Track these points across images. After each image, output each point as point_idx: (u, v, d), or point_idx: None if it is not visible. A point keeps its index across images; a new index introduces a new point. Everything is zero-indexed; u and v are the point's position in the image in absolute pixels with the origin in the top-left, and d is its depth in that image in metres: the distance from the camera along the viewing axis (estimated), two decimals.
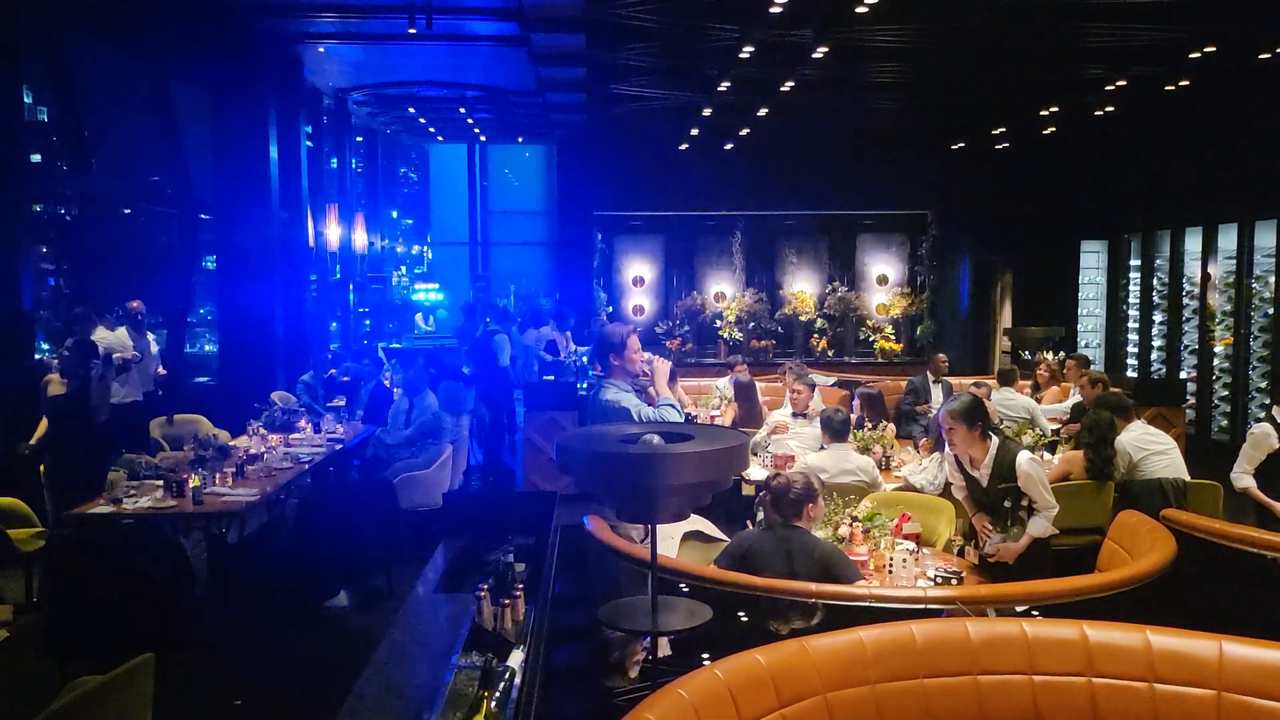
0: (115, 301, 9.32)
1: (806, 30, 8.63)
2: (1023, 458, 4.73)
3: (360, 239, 15.39)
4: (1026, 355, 13.17)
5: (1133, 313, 14.23)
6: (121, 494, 5.80)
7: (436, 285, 20.13)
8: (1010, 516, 4.64)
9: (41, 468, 6.64)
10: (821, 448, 6.46)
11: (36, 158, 9.65)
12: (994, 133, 13.44)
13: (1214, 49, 8.72)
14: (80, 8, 9.27)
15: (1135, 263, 14.10)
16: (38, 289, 9.04)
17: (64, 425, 6.57)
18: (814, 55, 8.79)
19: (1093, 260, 15.40)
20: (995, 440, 4.79)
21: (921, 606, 3.62)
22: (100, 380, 6.90)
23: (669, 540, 4.65)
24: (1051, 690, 2.81)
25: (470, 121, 16.57)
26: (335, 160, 15.36)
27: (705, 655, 3.05)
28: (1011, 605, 3.70)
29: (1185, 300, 12.76)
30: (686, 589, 3.80)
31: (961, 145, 14.76)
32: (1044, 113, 11.88)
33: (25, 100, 8.88)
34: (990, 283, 16.55)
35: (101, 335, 8.40)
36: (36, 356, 8.52)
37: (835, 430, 6.30)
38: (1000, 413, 8.47)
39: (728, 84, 10.47)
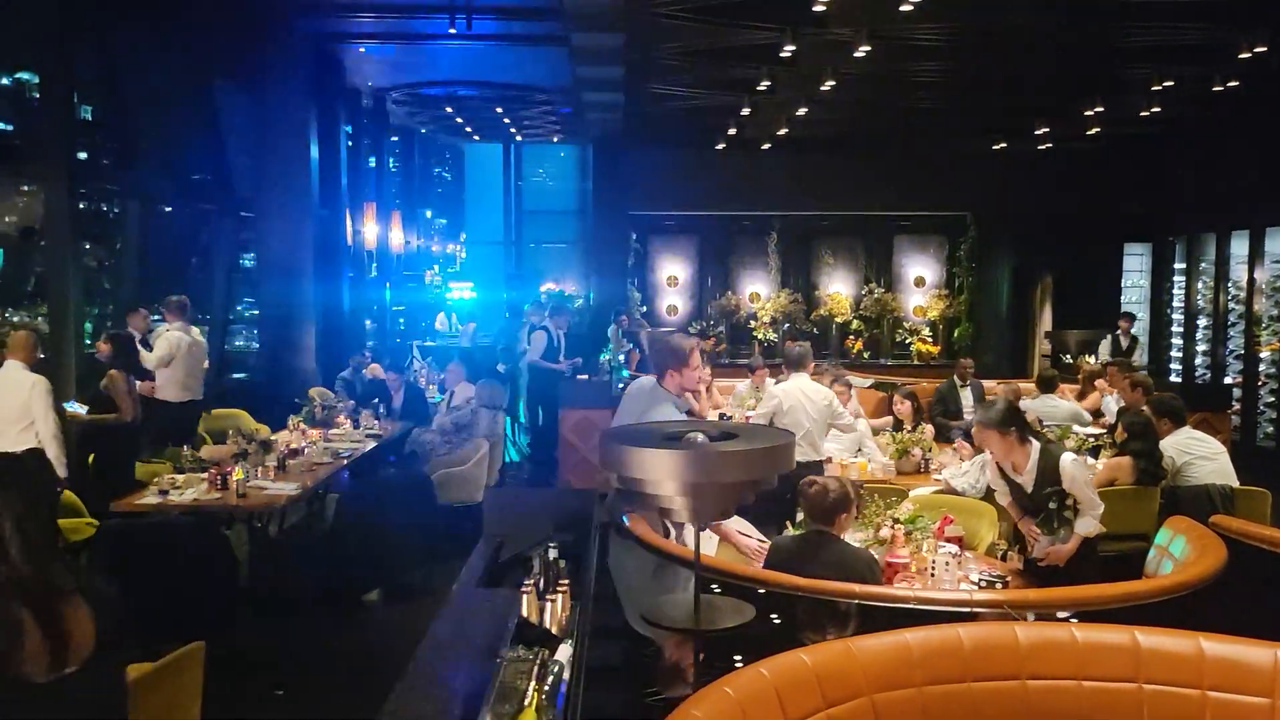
0: (155, 298, 9.46)
1: (849, 28, 8.58)
2: (1066, 459, 4.69)
3: (396, 238, 15.51)
4: (1068, 359, 13.01)
5: (1177, 317, 14.02)
6: (168, 486, 5.89)
7: (471, 284, 20.19)
8: (1057, 519, 4.59)
9: (90, 458, 6.75)
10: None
11: (82, 155, 9.80)
12: (1036, 133, 13.28)
13: (1264, 49, 8.56)
14: (127, 8, 9.41)
15: (1180, 266, 13.89)
16: (86, 284, 9.19)
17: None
18: (856, 54, 8.73)
19: (1136, 263, 15.19)
20: (1036, 445, 4.75)
21: (967, 610, 3.58)
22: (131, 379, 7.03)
23: (708, 539, 4.64)
24: (1101, 696, 2.77)
25: (506, 121, 16.64)
26: (373, 159, 15.50)
27: (738, 657, 3.04)
28: (1059, 610, 3.66)
29: (1230, 305, 12.54)
30: (719, 588, 3.78)
31: (1003, 145, 14.61)
32: (1088, 113, 11.72)
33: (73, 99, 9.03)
34: (1030, 285, 16.35)
35: (160, 332, 8.57)
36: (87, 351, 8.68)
37: (794, 360, 6.72)
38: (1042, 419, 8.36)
39: (767, 83, 10.43)
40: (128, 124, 10.16)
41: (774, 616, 3.65)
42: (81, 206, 9.79)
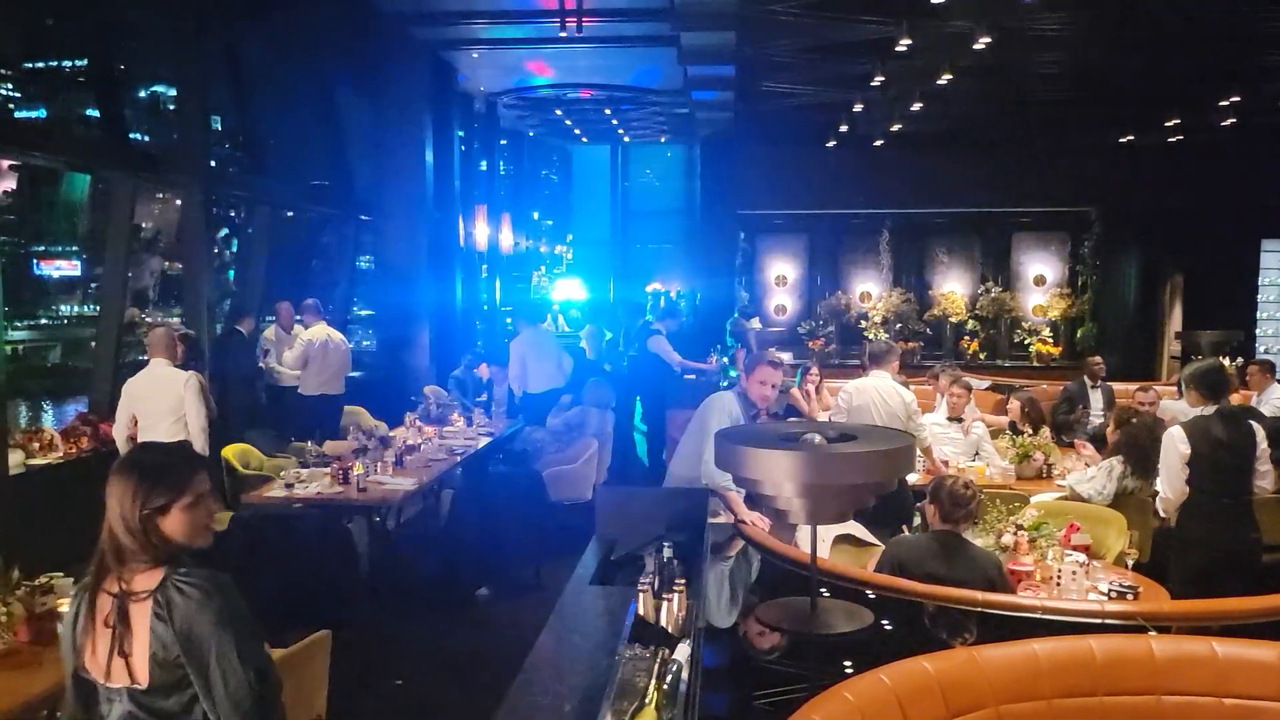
0: (279, 299, 9.85)
1: (968, 20, 8.34)
2: (1169, 430, 4.73)
3: (506, 239, 15.78)
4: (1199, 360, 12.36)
5: None
6: (293, 480, 6.11)
7: (578, 283, 20.37)
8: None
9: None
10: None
11: (212, 163, 10.27)
12: (1167, 125, 12.65)
13: None
14: (255, 21, 9.82)
15: None
16: (215, 284, 9.63)
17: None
18: (975, 46, 8.48)
19: (1274, 260, 14.37)
20: (1202, 410, 4.74)
21: (1098, 621, 3.44)
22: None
23: (821, 543, 4.57)
24: (1244, 714, 2.64)
25: (614, 122, 16.75)
26: (484, 162, 15.82)
27: (848, 663, 2.98)
28: (1196, 623, 3.48)
29: None
30: (828, 591, 3.72)
31: (1130, 138, 13.96)
32: (1223, 103, 11.11)
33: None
34: (1159, 283, 15.60)
35: (300, 331, 9.00)
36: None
37: (875, 356, 6.61)
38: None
39: (881, 78, 10.23)
40: (254, 133, 10.62)
41: (885, 622, 3.57)
42: (213, 212, 10.27)
